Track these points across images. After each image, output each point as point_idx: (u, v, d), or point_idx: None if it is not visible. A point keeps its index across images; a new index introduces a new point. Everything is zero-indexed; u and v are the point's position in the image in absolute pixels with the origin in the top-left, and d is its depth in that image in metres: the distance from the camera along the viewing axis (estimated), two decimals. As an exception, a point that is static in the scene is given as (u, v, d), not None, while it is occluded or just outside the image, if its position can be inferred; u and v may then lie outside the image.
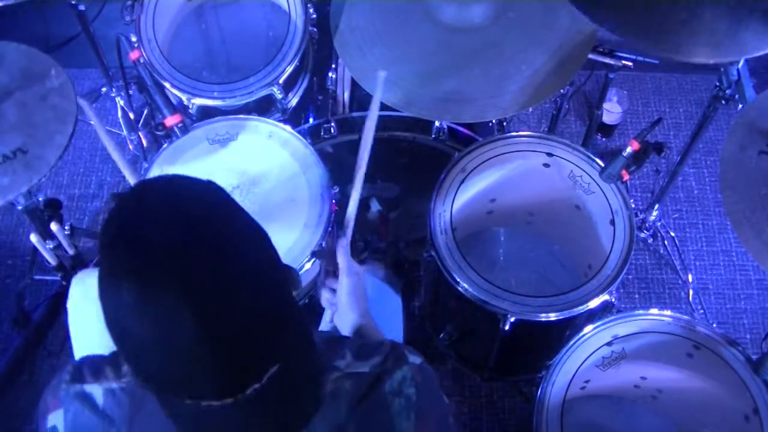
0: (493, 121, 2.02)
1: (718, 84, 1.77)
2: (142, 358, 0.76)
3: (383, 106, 1.78)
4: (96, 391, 0.91)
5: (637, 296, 2.38)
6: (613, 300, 1.66)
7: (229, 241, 0.76)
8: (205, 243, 0.74)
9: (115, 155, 1.57)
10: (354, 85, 2.00)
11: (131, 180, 1.59)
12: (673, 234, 2.45)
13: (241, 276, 0.75)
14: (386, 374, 0.94)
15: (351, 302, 1.24)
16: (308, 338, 0.88)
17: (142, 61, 1.79)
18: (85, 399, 0.91)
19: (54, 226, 1.75)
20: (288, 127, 1.82)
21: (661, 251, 2.44)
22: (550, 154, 1.82)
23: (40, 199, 1.77)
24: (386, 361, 0.95)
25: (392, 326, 1.65)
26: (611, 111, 2.52)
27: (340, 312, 1.26)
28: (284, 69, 1.89)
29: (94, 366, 0.93)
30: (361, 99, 2.03)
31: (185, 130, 1.75)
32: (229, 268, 0.74)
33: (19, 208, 1.75)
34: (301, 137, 1.81)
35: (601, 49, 1.81)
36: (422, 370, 0.99)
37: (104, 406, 0.90)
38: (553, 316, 1.63)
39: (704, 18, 1.37)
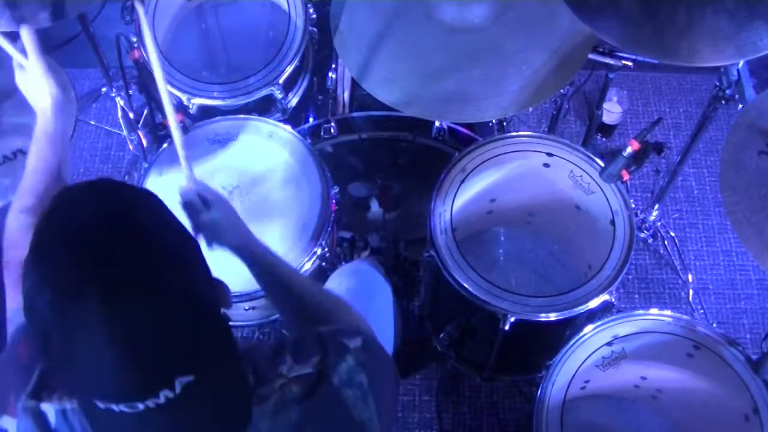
0: (493, 121, 2.02)
1: (718, 84, 1.77)
2: (52, 349, 0.77)
3: (383, 106, 1.79)
4: (50, 410, 0.91)
5: (637, 296, 2.38)
6: (613, 300, 1.66)
7: (154, 251, 0.78)
8: (129, 249, 0.76)
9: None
10: (354, 85, 2.00)
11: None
12: (673, 234, 2.45)
13: (161, 287, 0.77)
14: (330, 369, 0.93)
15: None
16: (233, 357, 0.86)
17: (142, 61, 1.78)
18: (38, 417, 0.91)
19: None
20: (288, 127, 1.82)
21: (661, 251, 2.44)
22: (550, 154, 1.82)
23: (40, 199, 1.77)
24: (327, 357, 0.95)
25: (383, 316, 1.64)
26: (611, 111, 2.52)
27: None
28: (284, 69, 1.89)
29: (53, 382, 0.93)
30: (361, 99, 2.03)
31: (185, 130, 1.76)
32: (150, 278, 0.76)
33: (19, 208, 1.74)
34: (301, 137, 1.81)
35: (601, 49, 1.81)
36: (366, 349, 0.98)
37: (56, 426, 0.91)
38: (553, 316, 1.63)
39: (704, 21, 1.37)
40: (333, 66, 2.03)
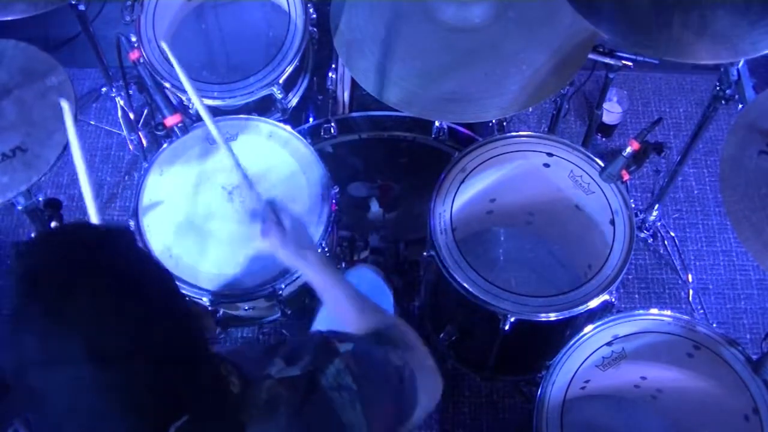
0: (493, 121, 2.02)
1: (718, 84, 1.77)
2: (46, 408, 0.76)
3: (383, 106, 1.79)
4: None
5: (637, 296, 2.38)
6: (613, 300, 1.66)
7: (132, 290, 0.78)
8: (107, 291, 0.76)
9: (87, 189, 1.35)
10: (354, 85, 2.00)
11: (93, 218, 1.39)
12: (673, 234, 2.45)
13: (148, 336, 0.77)
14: (319, 372, 0.94)
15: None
16: (222, 385, 0.86)
17: (142, 61, 1.78)
18: None
19: (54, 226, 1.75)
20: (288, 127, 1.82)
21: (661, 251, 2.44)
22: (550, 154, 1.82)
23: (40, 199, 1.77)
24: (316, 359, 0.95)
25: None
26: (611, 111, 2.52)
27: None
28: (284, 69, 1.89)
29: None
30: (361, 99, 2.03)
31: (185, 130, 1.75)
32: (130, 317, 0.76)
33: (20, 208, 1.74)
34: (301, 137, 1.81)
35: (601, 49, 1.81)
36: (355, 355, 0.99)
37: None
38: (553, 316, 1.63)
39: (707, 19, 1.37)
40: (333, 66, 2.03)
